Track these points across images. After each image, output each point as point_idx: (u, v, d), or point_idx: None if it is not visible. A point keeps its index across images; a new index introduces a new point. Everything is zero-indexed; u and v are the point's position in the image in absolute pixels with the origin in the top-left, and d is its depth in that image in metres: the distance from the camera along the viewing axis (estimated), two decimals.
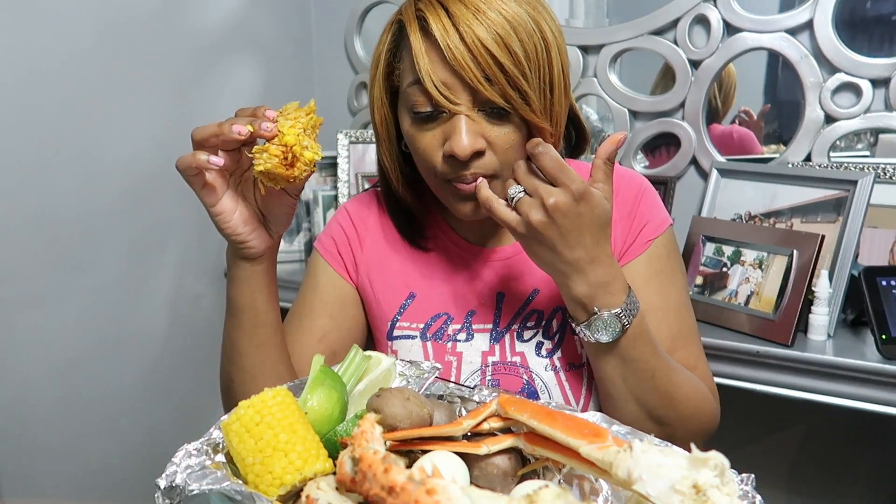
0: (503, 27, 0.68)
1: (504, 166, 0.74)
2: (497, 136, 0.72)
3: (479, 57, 0.67)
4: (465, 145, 0.70)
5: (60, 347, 1.38)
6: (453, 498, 0.39)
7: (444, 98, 0.70)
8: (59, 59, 1.31)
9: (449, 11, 0.68)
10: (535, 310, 0.84)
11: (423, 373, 0.69)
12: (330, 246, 0.91)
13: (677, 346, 0.82)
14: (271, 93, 1.81)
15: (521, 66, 0.69)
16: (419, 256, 0.88)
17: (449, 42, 0.68)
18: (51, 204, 1.33)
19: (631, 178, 0.87)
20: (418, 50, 0.70)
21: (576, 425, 0.52)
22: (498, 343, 0.83)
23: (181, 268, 1.62)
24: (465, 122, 0.70)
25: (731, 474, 0.44)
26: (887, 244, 1.28)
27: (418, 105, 0.72)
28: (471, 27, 0.67)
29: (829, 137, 1.35)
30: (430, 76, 0.69)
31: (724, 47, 1.42)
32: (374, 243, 0.90)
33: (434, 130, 0.73)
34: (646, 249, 0.83)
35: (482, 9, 0.68)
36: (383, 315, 0.87)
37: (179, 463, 0.53)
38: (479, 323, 0.84)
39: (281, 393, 0.56)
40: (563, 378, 0.82)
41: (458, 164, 0.72)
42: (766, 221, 1.34)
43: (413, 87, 0.72)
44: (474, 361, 0.83)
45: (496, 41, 0.68)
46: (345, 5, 1.86)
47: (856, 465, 1.47)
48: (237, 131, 0.68)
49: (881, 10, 1.41)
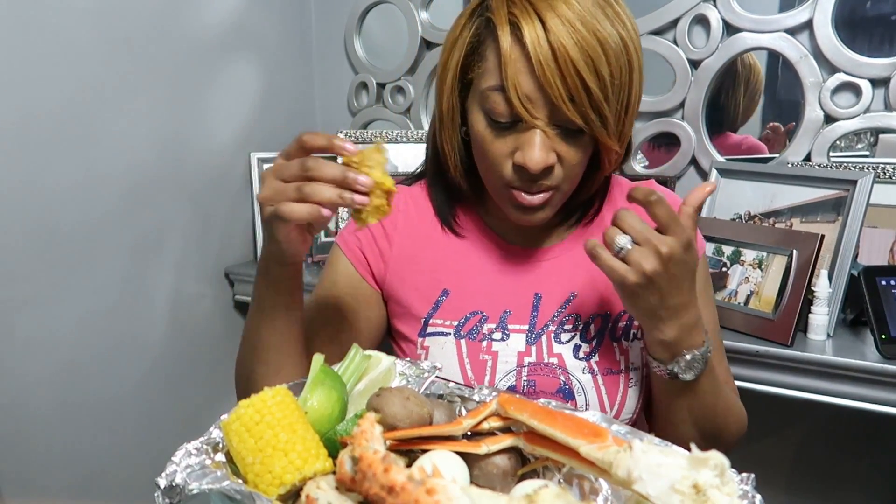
0: (594, 49, 0.67)
1: (566, 180, 0.75)
2: (567, 152, 0.72)
3: (567, 76, 0.67)
4: (538, 160, 0.70)
5: (60, 348, 1.38)
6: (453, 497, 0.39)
7: (525, 111, 0.69)
8: (58, 60, 1.31)
9: (544, 23, 0.67)
10: (572, 313, 0.84)
11: (423, 372, 0.69)
12: (353, 244, 0.89)
13: (713, 363, 0.84)
14: (271, 93, 1.81)
15: (605, 91, 0.69)
16: (453, 252, 0.87)
17: (540, 56, 0.67)
18: (51, 204, 1.33)
19: (674, 199, 0.88)
20: (507, 57, 0.69)
21: (575, 425, 0.52)
22: (534, 344, 0.83)
23: (181, 268, 1.62)
24: (541, 136, 0.70)
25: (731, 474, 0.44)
26: (887, 244, 1.28)
27: (497, 113, 0.72)
28: (564, 44, 0.66)
29: (828, 137, 1.35)
30: (516, 87, 0.69)
31: (724, 47, 1.42)
32: (403, 240, 0.88)
33: (507, 138, 0.73)
34: None
35: (577, 27, 0.67)
36: (415, 312, 0.86)
37: (179, 462, 0.53)
38: (515, 323, 0.83)
39: (281, 392, 0.56)
40: (601, 382, 0.82)
41: (526, 176, 0.73)
42: (766, 221, 1.34)
43: (495, 92, 0.71)
44: (510, 361, 0.82)
45: (586, 63, 0.67)
46: (345, 5, 1.86)
47: (856, 465, 1.47)
48: (362, 182, 0.65)
49: (881, 10, 1.41)
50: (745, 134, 1.56)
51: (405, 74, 1.81)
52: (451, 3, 1.86)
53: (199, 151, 1.62)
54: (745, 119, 1.55)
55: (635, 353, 0.83)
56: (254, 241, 1.79)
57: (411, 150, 1.76)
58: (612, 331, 0.83)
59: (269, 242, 0.72)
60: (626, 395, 0.82)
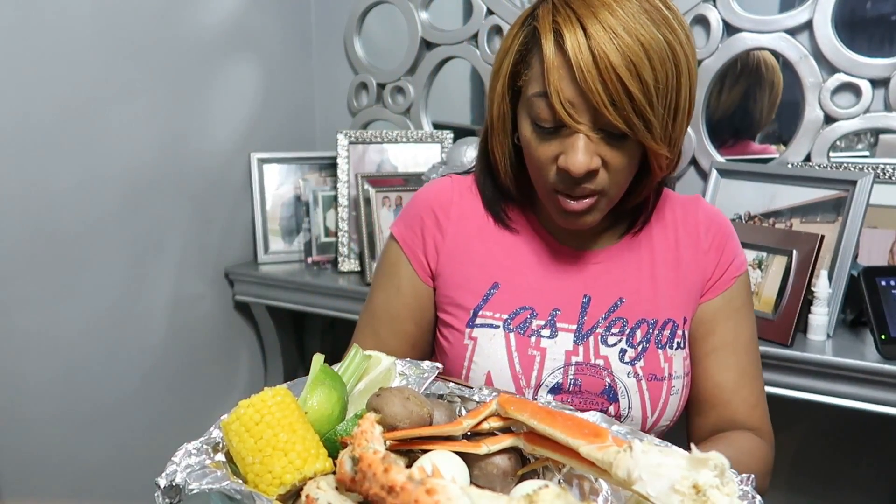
0: (637, 54, 0.68)
1: (612, 185, 0.75)
2: (612, 157, 0.73)
3: (608, 82, 0.68)
4: (580, 164, 0.71)
5: (60, 348, 1.38)
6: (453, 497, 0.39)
7: (568, 116, 0.71)
8: (58, 59, 1.31)
9: (586, 31, 0.68)
10: (619, 317, 0.85)
11: (424, 372, 0.69)
12: (410, 240, 0.90)
13: (744, 382, 0.86)
14: (271, 93, 1.81)
15: (648, 95, 0.69)
16: (505, 247, 0.88)
17: (581, 62, 0.68)
18: (51, 205, 1.33)
19: (719, 215, 0.91)
20: (550, 64, 0.70)
21: (576, 425, 0.52)
22: (582, 344, 0.84)
23: (181, 268, 1.62)
24: (584, 141, 0.71)
25: (730, 474, 0.44)
26: (887, 244, 1.28)
27: (541, 118, 0.73)
28: (604, 50, 0.67)
29: (828, 137, 1.35)
30: (558, 93, 0.70)
31: (724, 47, 1.42)
32: (457, 231, 0.89)
33: (552, 143, 0.74)
34: (730, 286, 0.87)
35: (619, 32, 0.68)
36: (464, 302, 0.87)
37: (179, 462, 0.53)
38: (563, 322, 0.85)
39: (281, 392, 0.56)
40: (645, 387, 0.83)
41: (569, 179, 0.74)
42: (766, 221, 1.34)
43: (539, 98, 0.73)
44: (558, 359, 0.83)
45: (628, 68, 0.68)
46: (345, 5, 1.86)
47: (855, 465, 1.47)
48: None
49: (881, 10, 1.41)
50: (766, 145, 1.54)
51: (405, 75, 1.82)
52: (451, 3, 1.86)
53: (199, 151, 1.62)
54: (765, 124, 1.54)
55: (678, 362, 0.84)
56: (253, 242, 1.79)
57: (411, 151, 1.76)
58: (658, 338, 0.84)
59: None
60: (668, 401, 0.83)
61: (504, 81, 0.79)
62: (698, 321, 0.87)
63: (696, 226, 0.88)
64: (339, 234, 1.69)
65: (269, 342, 1.82)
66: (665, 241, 0.88)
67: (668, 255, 0.87)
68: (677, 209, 0.90)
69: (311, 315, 1.83)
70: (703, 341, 0.87)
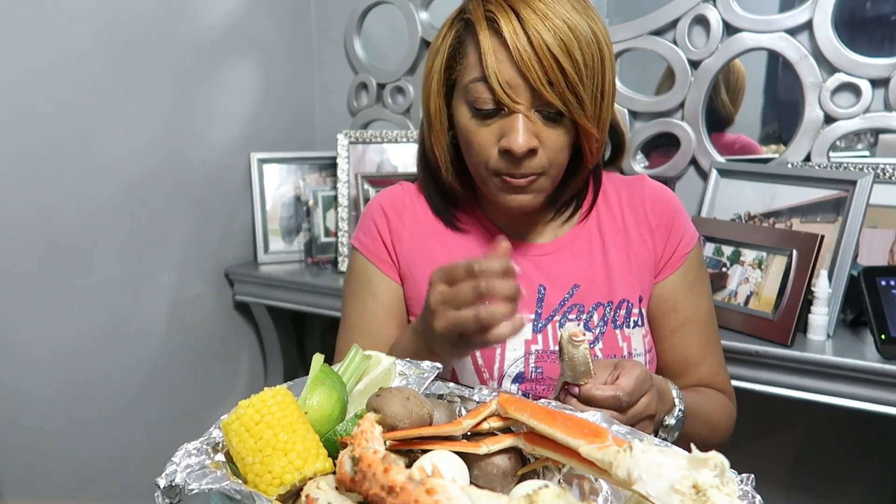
0: (567, 35, 0.73)
1: (551, 165, 0.79)
2: (550, 136, 0.77)
3: (543, 60, 0.73)
4: (521, 142, 0.75)
5: (60, 348, 1.38)
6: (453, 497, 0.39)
7: (507, 96, 0.74)
8: (59, 59, 1.31)
9: (519, 15, 0.73)
10: (576, 303, 0.87)
11: (423, 372, 0.69)
12: (373, 246, 0.93)
13: (706, 353, 0.90)
14: (271, 93, 1.81)
15: (580, 73, 0.74)
16: (459, 246, 0.91)
17: (518, 44, 0.73)
18: (51, 205, 1.33)
19: (665, 192, 0.93)
20: (487, 48, 0.75)
21: (575, 425, 0.52)
22: (540, 333, 0.86)
23: (181, 268, 1.62)
24: (523, 120, 0.75)
25: (730, 474, 0.44)
26: (887, 244, 1.28)
27: (480, 101, 0.77)
28: (539, 31, 0.72)
29: (828, 137, 1.35)
30: (496, 74, 0.74)
31: (724, 47, 1.42)
32: (412, 235, 0.92)
33: (492, 126, 0.78)
34: (683, 263, 0.90)
35: (549, 15, 0.73)
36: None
37: (179, 462, 0.53)
38: (521, 313, 0.85)
39: (280, 392, 0.56)
40: None
41: (511, 160, 0.78)
42: (766, 221, 1.34)
43: (477, 83, 0.76)
44: (518, 349, 0.85)
45: (560, 47, 0.73)
46: (345, 5, 1.86)
47: (855, 464, 1.47)
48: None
49: (881, 10, 1.41)
50: (738, 133, 1.56)
51: (405, 75, 1.81)
52: (451, 3, 1.86)
53: (199, 151, 1.62)
54: (733, 116, 1.55)
55: (637, 340, 0.87)
56: (253, 241, 1.79)
57: (411, 151, 1.76)
58: (615, 319, 0.87)
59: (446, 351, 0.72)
60: None
61: (438, 77, 0.82)
62: (657, 299, 0.90)
63: (643, 204, 0.91)
64: (339, 234, 1.69)
65: (269, 342, 1.82)
66: (613, 223, 0.91)
67: (617, 237, 0.90)
68: (622, 190, 0.93)
69: (311, 315, 1.83)
70: (665, 319, 0.90)
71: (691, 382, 0.90)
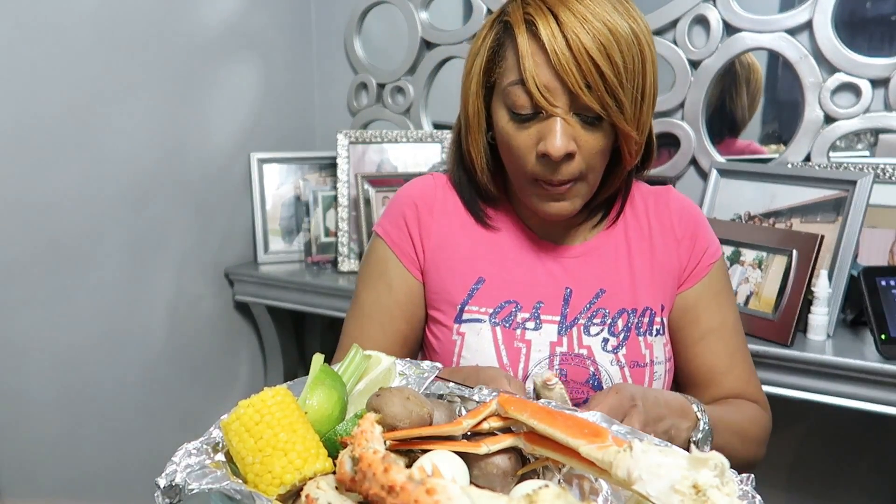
0: (606, 37, 0.72)
1: (589, 170, 0.79)
2: (588, 140, 0.76)
3: (582, 64, 0.71)
4: (559, 146, 0.74)
5: (60, 348, 1.38)
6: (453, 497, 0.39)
7: (545, 100, 0.74)
8: (59, 59, 1.31)
9: (558, 18, 0.72)
10: (601, 308, 0.87)
11: (424, 372, 0.69)
12: (396, 236, 0.91)
13: (735, 362, 0.89)
14: (271, 93, 1.81)
15: (619, 76, 0.73)
16: (488, 243, 0.90)
17: (556, 47, 0.72)
18: (52, 205, 1.33)
19: (690, 203, 0.94)
20: (525, 51, 0.74)
21: (576, 425, 0.52)
22: (565, 335, 0.86)
23: (181, 268, 1.62)
24: (561, 124, 0.74)
25: (730, 474, 0.44)
26: (886, 244, 1.28)
27: (518, 105, 0.76)
28: (577, 34, 0.71)
29: (828, 137, 1.35)
30: (534, 78, 0.73)
31: (724, 47, 1.42)
32: (440, 228, 0.91)
33: (530, 130, 0.77)
34: (707, 272, 0.90)
35: (588, 18, 0.72)
36: (451, 298, 0.88)
37: (179, 462, 0.53)
38: (547, 314, 0.87)
39: (281, 392, 0.56)
40: (628, 374, 0.85)
41: (549, 165, 0.77)
42: (766, 221, 1.34)
43: (515, 86, 0.76)
44: (542, 350, 0.85)
45: (599, 50, 0.72)
46: (345, 5, 1.86)
47: (855, 464, 1.47)
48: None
49: (881, 10, 1.41)
50: (749, 140, 1.56)
51: (405, 74, 1.81)
52: (451, 3, 1.86)
53: (199, 151, 1.62)
54: (747, 121, 1.55)
55: (659, 348, 0.87)
56: (253, 241, 1.79)
57: (411, 151, 1.76)
58: (638, 326, 0.87)
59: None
60: (651, 387, 0.85)
61: (477, 79, 0.82)
62: (681, 310, 0.89)
63: (669, 215, 0.91)
64: (339, 234, 1.69)
65: (269, 342, 1.82)
66: (639, 230, 0.90)
67: (643, 245, 0.89)
68: (649, 199, 0.92)
69: (311, 315, 1.83)
70: (690, 329, 0.89)
71: (722, 393, 0.88)
